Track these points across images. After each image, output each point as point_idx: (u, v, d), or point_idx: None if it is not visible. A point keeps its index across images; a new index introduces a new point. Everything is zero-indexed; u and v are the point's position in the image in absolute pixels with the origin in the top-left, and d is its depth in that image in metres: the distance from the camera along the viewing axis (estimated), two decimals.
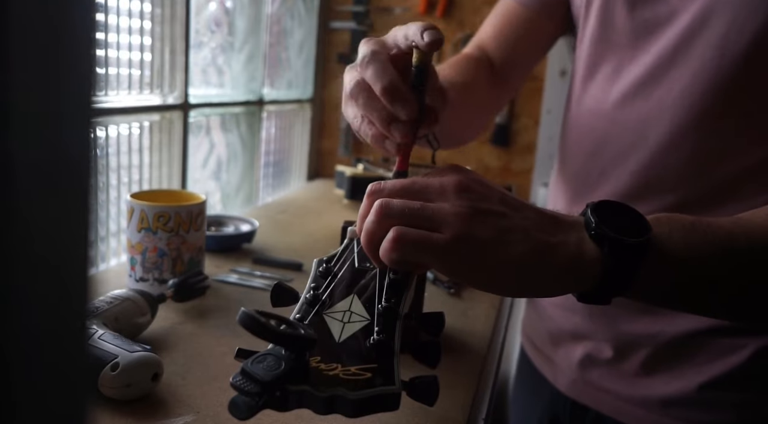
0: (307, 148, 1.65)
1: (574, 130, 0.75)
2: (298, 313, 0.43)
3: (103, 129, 0.89)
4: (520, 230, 0.42)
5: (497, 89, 0.79)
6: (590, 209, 0.44)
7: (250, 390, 0.35)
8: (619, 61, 0.68)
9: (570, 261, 0.42)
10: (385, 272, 0.47)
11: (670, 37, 0.62)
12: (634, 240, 0.42)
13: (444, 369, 0.45)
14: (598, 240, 0.43)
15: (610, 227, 0.43)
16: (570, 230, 0.44)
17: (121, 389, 0.49)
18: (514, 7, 0.79)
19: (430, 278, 0.85)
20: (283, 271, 0.87)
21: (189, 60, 1.04)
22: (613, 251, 0.42)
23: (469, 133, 0.82)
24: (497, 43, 0.80)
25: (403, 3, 1.56)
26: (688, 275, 0.44)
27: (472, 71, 0.75)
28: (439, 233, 0.41)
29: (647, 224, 0.44)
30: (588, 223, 0.44)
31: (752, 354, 0.63)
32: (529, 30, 0.79)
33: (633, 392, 0.69)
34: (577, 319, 0.73)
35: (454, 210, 0.42)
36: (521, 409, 0.90)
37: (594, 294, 0.44)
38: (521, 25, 0.79)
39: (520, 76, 0.84)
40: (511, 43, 0.79)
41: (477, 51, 0.80)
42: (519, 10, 0.79)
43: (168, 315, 0.68)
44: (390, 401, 0.37)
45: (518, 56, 0.80)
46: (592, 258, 0.42)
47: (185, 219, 0.72)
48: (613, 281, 0.43)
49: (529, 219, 0.44)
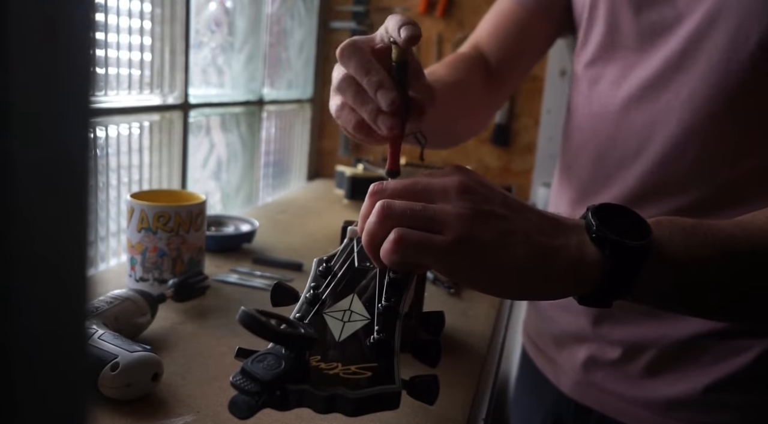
0: (307, 148, 1.65)
1: (577, 134, 0.74)
2: (298, 312, 0.43)
3: (103, 129, 0.89)
4: (522, 233, 0.42)
5: (493, 88, 0.79)
6: (591, 212, 0.44)
7: (250, 389, 0.35)
8: (625, 64, 0.67)
9: (571, 264, 0.42)
10: (385, 272, 0.47)
11: (677, 41, 0.62)
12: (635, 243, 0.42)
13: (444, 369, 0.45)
14: (599, 243, 0.43)
15: (611, 230, 0.43)
16: (571, 233, 0.44)
17: (121, 389, 0.49)
18: (511, 7, 0.79)
19: (430, 278, 0.85)
20: (283, 271, 0.87)
21: (189, 60, 1.04)
22: (614, 253, 0.42)
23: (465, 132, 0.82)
24: (493, 43, 0.80)
25: (403, 3, 1.56)
26: (689, 278, 0.44)
27: (467, 70, 0.75)
28: (440, 234, 0.41)
29: (648, 226, 0.44)
30: (589, 226, 0.44)
31: (757, 356, 0.62)
32: (525, 30, 0.79)
33: (637, 394, 0.68)
34: (581, 321, 0.73)
35: (456, 211, 0.42)
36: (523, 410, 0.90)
37: (595, 297, 0.44)
38: (517, 24, 0.79)
39: (516, 76, 0.84)
40: (507, 43, 0.79)
41: (473, 50, 0.80)
42: (515, 10, 0.79)
43: (168, 315, 0.68)
44: (390, 400, 0.37)
45: (514, 56, 0.80)
46: (593, 261, 0.42)
47: (185, 219, 0.73)
48: (613, 283, 0.43)
49: (530, 222, 0.44)
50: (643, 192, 0.65)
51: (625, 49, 0.67)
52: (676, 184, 0.63)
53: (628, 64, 0.67)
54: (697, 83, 0.61)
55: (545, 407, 0.81)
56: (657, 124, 0.64)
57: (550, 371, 0.79)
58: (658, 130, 0.64)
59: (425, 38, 1.53)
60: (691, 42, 0.61)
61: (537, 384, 0.82)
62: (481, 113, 0.82)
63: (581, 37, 0.74)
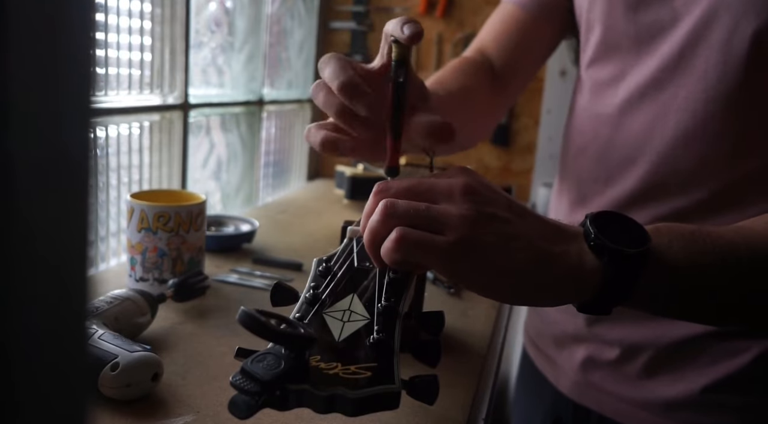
0: (307, 148, 1.65)
1: (578, 135, 0.74)
2: (298, 312, 0.43)
3: (103, 129, 0.89)
4: (523, 237, 0.42)
5: (498, 93, 0.79)
6: (589, 220, 0.44)
7: (250, 389, 0.35)
8: (622, 66, 0.67)
9: (571, 271, 0.42)
10: (385, 272, 0.47)
11: (673, 42, 0.62)
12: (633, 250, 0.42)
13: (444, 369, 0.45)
14: (597, 251, 0.43)
15: (609, 238, 0.43)
16: (572, 240, 0.44)
17: (121, 389, 0.49)
18: (514, 10, 0.79)
19: (430, 277, 0.85)
20: (283, 271, 0.87)
21: (189, 60, 1.04)
22: (612, 261, 0.42)
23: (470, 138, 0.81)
24: (497, 47, 0.79)
25: (403, 3, 1.56)
26: (689, 284, 0.44)
27: (473, 75, 0.74)
28: (442, 235, 0.41)
29: (646, 234, 0.44)
30: (587, 233, 0.44)
31: (755, 357, 0.62)
32: (528, 33, 0.79)
33: (635, 395, 0.68)
34: (580, 321, 0.73)
35: (459, 212, 0.42)
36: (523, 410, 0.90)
37: (594, 304, 0.44)
38: (521, 28, 0.79)
39: (521, 80, 0.83)
40: (511, 47, 0.79)
41: (478, 54, 0.80)
42: (518, 14, 0.79)
43: (168, 315, 0.68)
44: (390, 399, 0.37)
45: (519, 60, 0.80)
46: (593, 268, 0.42)
47: (185, 219, 0.73)
48: (613, 291, 0.43)
49: (532, 227, 0.43)
50: (643, 193, 0.65)
51: (623, 50, 0.67)
52: (675, 186, 0.63)
53: (626, 66, 0.67)
54: (695, 85, 0.60)
55: (545, 407, 0.81)
56: (655, 126, 0.64)
57: (550, 372, 0.79)
58: (656, 131, 0.64)
59: (425, 38, 1.53)
60: (688, 43, 0.61)
61: (537, 384, 0.82)
62: (486, 118, 0.82)
63: (582, 38, 0.74)
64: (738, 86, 0.58)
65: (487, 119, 0.83)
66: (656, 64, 0.64)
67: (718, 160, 0.61)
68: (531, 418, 0.85)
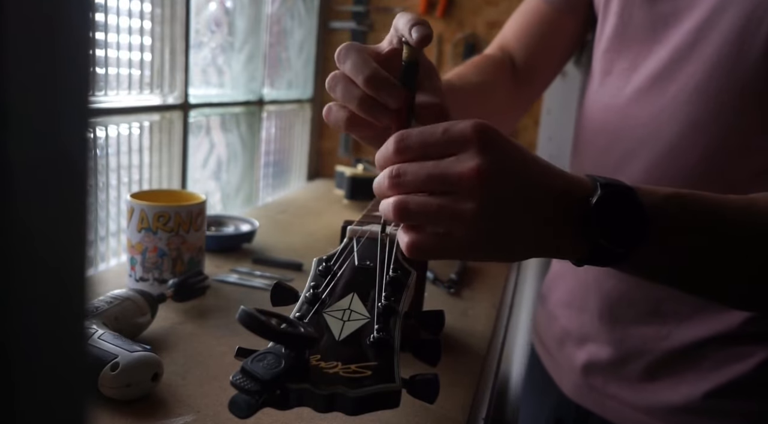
0: (307, 148, 1.65)
1: (587, 126, 0.74)
2: (298, 311, 0.43)
3: (103, 129, 0.89)
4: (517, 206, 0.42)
5: (520, 91, 0.77)
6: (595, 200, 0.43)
7: (250, 389, 0.35)
8: (635, 56, 0.66)
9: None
10: (384, 271, 0.47)
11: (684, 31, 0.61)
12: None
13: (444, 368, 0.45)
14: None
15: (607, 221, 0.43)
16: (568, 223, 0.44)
17: (121, 389, 0.49)
18: (538, 6, 0.78)
19: (430, 277, 0.85)
20: (283, 271, 0.87)
21: (189, 60, 1.04)
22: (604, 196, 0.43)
23: None
24: (521, 43, 0.78)
25: (403, 3, 1.56)
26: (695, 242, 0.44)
27: (493, 72, 0.73)
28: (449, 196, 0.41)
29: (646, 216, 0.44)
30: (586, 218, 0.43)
31: (759, 364, 0.62)
32: (552, 28, 0.77)
33: (637, 399, 0.68)
34: (584, 318, 0.72)
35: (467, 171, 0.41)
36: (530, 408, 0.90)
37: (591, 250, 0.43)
38: (545, 23, 0.77)
39: (545, 76, 0.82)
40: (535, 42, 0.78)
41: (499, 51, 0.78)
42: (542, 7, 0.77)
43: (168, 315, 0.68)
44: (390, 398, 0.37)
45: (543, 55, 0.79)
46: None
47: (185, 219, 0.73)
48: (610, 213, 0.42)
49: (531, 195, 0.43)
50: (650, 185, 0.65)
51: (636, 40, 0.66)
52: (683, 178, 0.62)
53: (638, 56, 0.66)
54: (705, 75, 0.59)
55: (549, 407, 0.81)
56: (664, 117, 0.63)
57: (555, 372, 0.79)
58: (665, 122, 0.63)
59: None
60: (699, 31, 0.60)
61: (543, 383, 0.82)
62: (507, 115, 0.80)
63: (598, 29, 0.73)
64: (751, 77, 0.57)
65: (508, 115, 0.81)
66: (667, 53, 0.63)
67: (727, 154, 0.60)
68: (536, 417, 0.85)
